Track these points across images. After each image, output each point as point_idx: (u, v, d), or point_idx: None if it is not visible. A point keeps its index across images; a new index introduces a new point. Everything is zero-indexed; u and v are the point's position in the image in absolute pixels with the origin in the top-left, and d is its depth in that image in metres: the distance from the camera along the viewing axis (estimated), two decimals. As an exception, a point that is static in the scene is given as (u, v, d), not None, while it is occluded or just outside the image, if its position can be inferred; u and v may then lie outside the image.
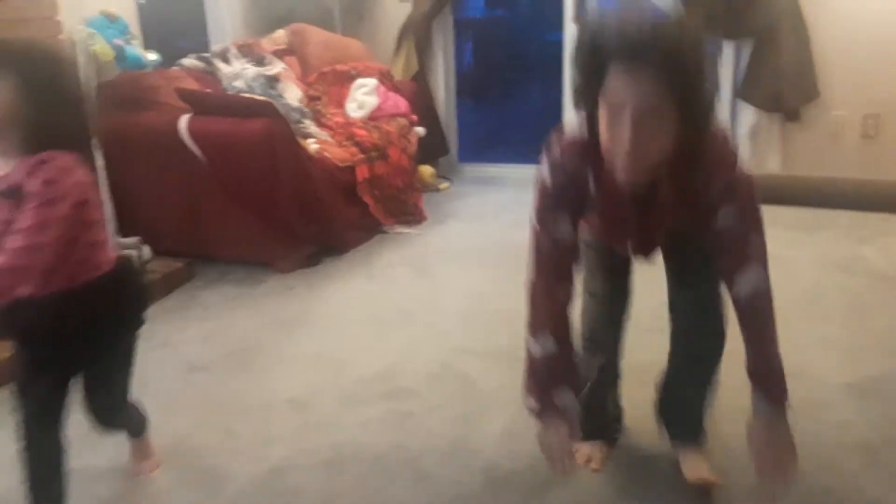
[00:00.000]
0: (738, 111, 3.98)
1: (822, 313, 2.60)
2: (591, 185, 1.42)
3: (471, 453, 1.93)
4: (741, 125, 3.93)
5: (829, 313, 2.60)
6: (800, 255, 3.13)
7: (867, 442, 1.89)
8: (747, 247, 1.41)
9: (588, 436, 1.81)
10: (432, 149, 4.45)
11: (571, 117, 1.41)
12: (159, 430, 1.93)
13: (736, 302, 1.44)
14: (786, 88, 3.79)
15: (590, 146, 1.33)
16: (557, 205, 1.44)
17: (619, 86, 1.22)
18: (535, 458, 1.83)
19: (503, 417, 2.06)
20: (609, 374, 1.83)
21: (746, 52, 3.87)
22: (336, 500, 1.77)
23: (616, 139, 1.25)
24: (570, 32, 4.34)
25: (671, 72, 1.19)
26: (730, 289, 1.45)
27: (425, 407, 2.15)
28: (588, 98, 1.29)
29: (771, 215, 1.50)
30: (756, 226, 1.42)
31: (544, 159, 1.45)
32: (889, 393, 2.10)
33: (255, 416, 2.13)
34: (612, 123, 1.25)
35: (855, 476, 1.77)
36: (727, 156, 1.39)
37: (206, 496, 1.78)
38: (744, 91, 3.92)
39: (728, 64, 4.01)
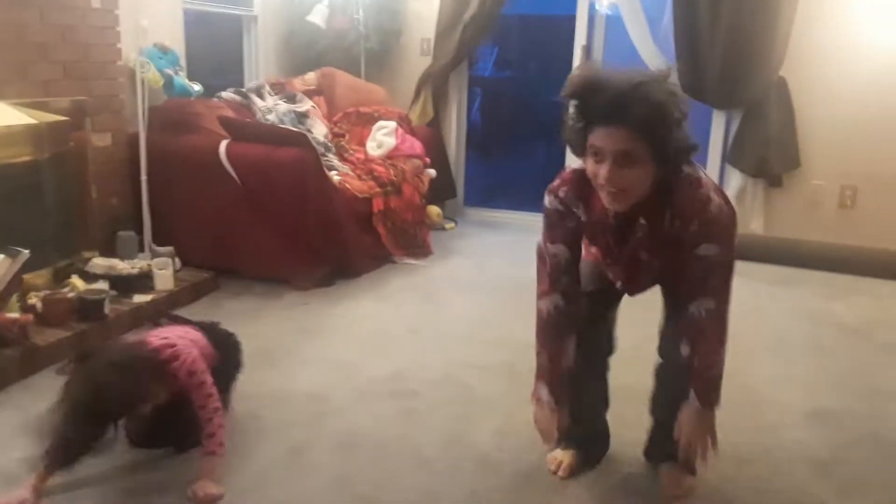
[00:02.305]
0: (727, 175, 4.32)
1: (790, 355, 2.88)
2: (582, 213, 1.73)
3: (467, 446, 2.18)
4: (729, 188, 4.26)
5: (796, 355, 2.88)
6: (774, 305, 3.42)
7: (819, 458, 2.14)
8: (709, 283, 1.66)
9: (570, 443, 2.04)
10: (441, 191, 4.77)
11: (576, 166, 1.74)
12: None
13: (686, 319, 1.69)
14: (770, 156, 4.14)
15: (584, 179, 1.65)
16: (554, 226, 1.77)
17: (599, 137, 1.55)
18: (524, 452, 2.11)
19: (497, 419, 2.31)
20: (597, 377, 2.03)
21: (736, 121, 4.24)
22: (349, 478, 2.01)
23: (598, 178, 1.56)
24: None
25: (643, 128, 1.49)
26: (683, 312, 1.69)
27: (428, 406, 2.40)
28: (577, 145, 1.62)
29: (752, 270, 1.82)
30: (722, 269, 1.66)
31: (549, 188, 1.77)
32: (843, 422, 2.36)
33: (278, 404, 2.38)
34: (595, 165, 1.57)
35: (805, 483, 2.02)
36: (697, 198, 1.59)
37: (232, 470, 2.01)
38: (732, 157, 4.27)
39: (719, 131, 4.37)
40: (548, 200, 1.76)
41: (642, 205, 1.61)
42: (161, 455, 2.07)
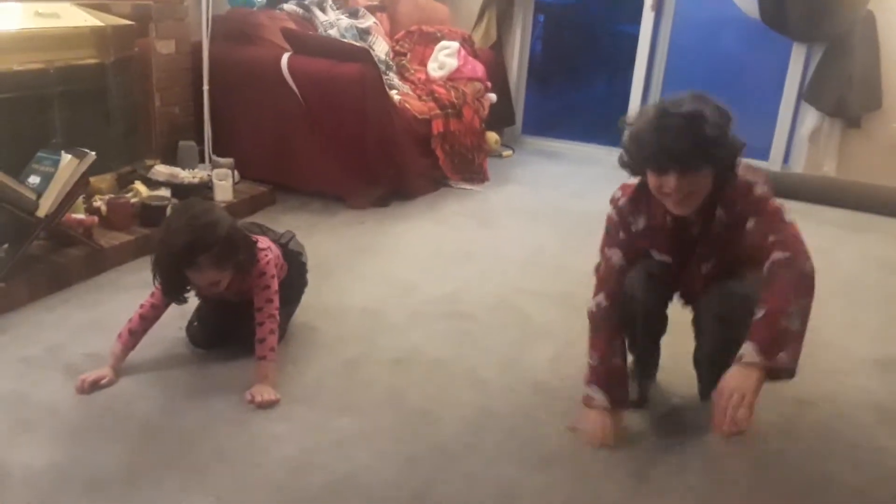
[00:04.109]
0: (801, 113, 4.13)
1: (857, 301, 2.77)
2: (642, 221, 1.77)
3: (523, 370, 2.17)
4: (803, 126, 4.07)
5: (863, 302, 2.77)
6: (843, 250, 3.29)
7: (883, 405, 2.08)
8: (770, 242, 1.62)
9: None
10: (500, 117, 4.67)
11: (636, 110, 1.75)
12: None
13: (764, 272, 1.61)
14: (850, 95, 3.92)
15: (642, 191, 1.74)
16: (611, 232, 1.83)
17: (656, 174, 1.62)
18: (580, 381, 2.08)
19: (554, 345, 2.30)
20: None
21: (816, 56, 4.02)
22: (402, 392, 2.02)
23: (663, 188, 1.62)
24: (647, 25, 4.51)
25: (699, 160, 1.56)
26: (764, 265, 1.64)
27: (484, 329, 2.39)
28: (636, 171, 1.70)
29: (821, 213, 1.74)
30: (778, 227, 1.62)
31: (611, 198, 1.83)
32: (910, 371, 2.28)
33: (334, 318, 2.40)
34: (658, 178, 1.62)
35: (867, 429, 1.97)
36: (741, 187, 1.68)
37: (288, 379, 2.04)
38: (809, 94, 4.06)
39: (797, 66, 4.15)
40: (610, 210, 1.83)
41: (703, 203, 1.67)
42: (221, 358, 2.12)
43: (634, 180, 1.77)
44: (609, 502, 1.64)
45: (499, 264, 2.93)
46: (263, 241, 2.10)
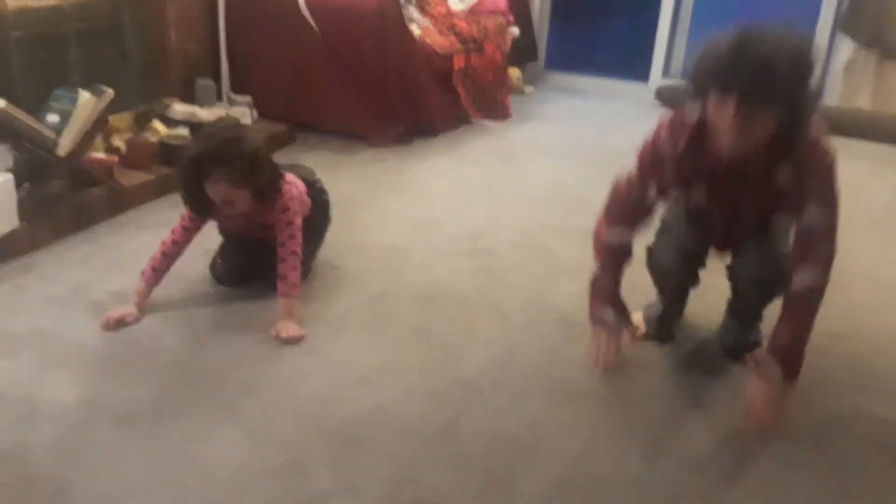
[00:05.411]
0: (836, 43, 3.97)
1: (892, 236, 2.70)
2: (693, 161, 1.63)
3: (547, 305, 2.15)
4: (837, 58, 3.92)
5: (897, 236, 2.71)
6: (878, 184, 3.20)
7: (917, 340, 2.04)
8: (820, 247, 1.58)
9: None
10: (522, 52, 4.54)
11: (663, 44, 1.61)
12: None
13: (790, 288, 1.60)
14: (888, 25, 3.76)
15: (696, 125, 1.58)
16: (646, 166, 1.70)
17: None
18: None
19: (578, 282, 2.23)
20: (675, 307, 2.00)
21: (854, -16, 3.84)
22: (428, 328, 2.01)
23: (721, 125, 1.48)
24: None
25: (769, 95, 1.42)
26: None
27: (508, 265, 2.37)
28: (700, 92, 1.53)
29: (855, 147, 1.64)
30: (832, 232, 1.59)
31: (650, 133, 1.69)
32: (945, 306, 2.23)
33: (357, 255, 2.38)
34: (718, 113, 1.48)
35: (901, 363, 1.93)
36: (821, 159, 1.57)
37: (313, 315, 2.03)
38: (844, 24, 3.90)
39: (833, -6, 3.97)
40: (655, 137, 1.70)
41: (757, 150, 1.54)
42: (245, 296, 2.11)
43: (669, 116, 1.67)
44: (634, 436, 1.63)
45: (522, 201, 2.88)
46: (289, 176, 2.06)
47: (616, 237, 1.76)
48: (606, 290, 1.78)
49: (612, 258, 1.77)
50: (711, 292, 1.97)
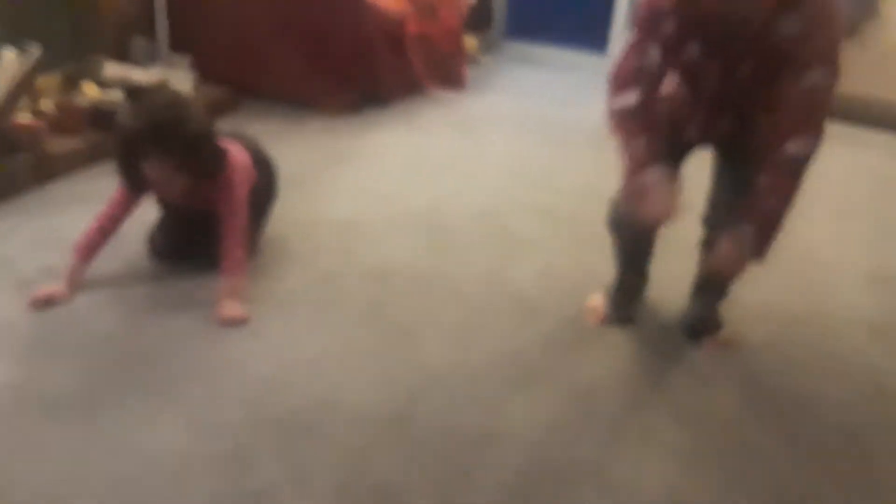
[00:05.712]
0: None
1: (850, 217, 2.72)
2: (679, 13, 1.47)
3: (505, 284, 2.07)
4: None
5: (856, 218, 2.71)
6: (836, 165, 3.16)
7: (874, 322, 2.04)
8: (818, 113, 1.46)
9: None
10: (477, 20, 4.42)
11: (622, 16, 1.49)
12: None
13: (778, 154, 1.48)
14: (846, 3, 3.75)
15: None
16: (652, 30, 1.53)
17: None
18: (565, 296, 2.00)
19: (538, 261, 2.20)
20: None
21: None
22: (382, 306, 1.92)
23: None
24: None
25: None
26: (777, 146, 1.48)
27: (465, 242, 2.29)
28: None
29: None
30: (830, 100, 1.45)
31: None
32: (899, 285, 2.24)
33: (306, 231, 2.27)
34: None
35: (859, 345, 1.93)
36: (830, 19, 1.42)
37: (260, 293, 1.92)
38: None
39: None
40: (642, 9, 1.56)
41: (756, 7, 1.40)
42: (186, 273, 1.99)
43: None
44: (596, 419, 1.58)
45: (479, 175, 2.80)
46: (233, 147, 1.93)
47: (627, 99, 1.56)
48: (644, 153, 1.54)
49: (633, 121, 1.57)
50: (676, 276, 1.93)
